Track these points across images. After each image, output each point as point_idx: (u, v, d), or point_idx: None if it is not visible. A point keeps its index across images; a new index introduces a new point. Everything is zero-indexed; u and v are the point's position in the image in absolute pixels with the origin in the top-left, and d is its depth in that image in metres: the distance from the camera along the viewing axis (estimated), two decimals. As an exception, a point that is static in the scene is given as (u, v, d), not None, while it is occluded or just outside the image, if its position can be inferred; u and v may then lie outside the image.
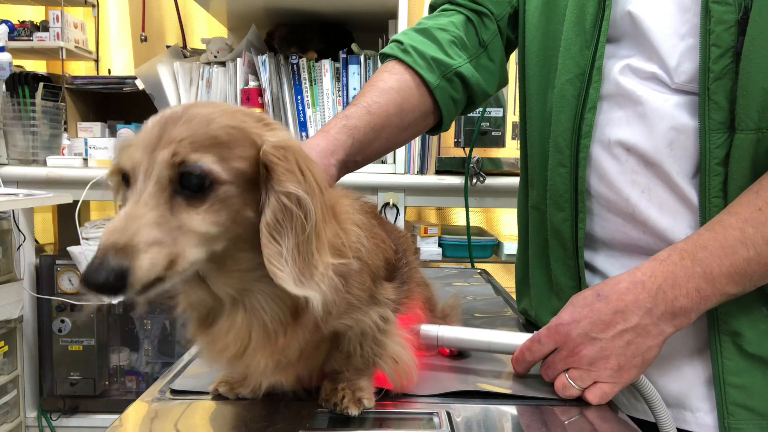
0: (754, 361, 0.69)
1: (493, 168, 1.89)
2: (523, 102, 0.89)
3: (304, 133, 1.96)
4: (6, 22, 2.17)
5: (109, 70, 2.49)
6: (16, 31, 2.21)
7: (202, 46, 2.08)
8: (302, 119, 1.96)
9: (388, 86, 0.82)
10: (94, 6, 2.39)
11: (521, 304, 0.96)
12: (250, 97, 1.94)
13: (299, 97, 1.95)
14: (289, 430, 0.58)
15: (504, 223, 2.53)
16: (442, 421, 0.60)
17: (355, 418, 0.60)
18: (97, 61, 2.46)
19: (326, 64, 1.94)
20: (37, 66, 2.56)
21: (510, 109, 1.91)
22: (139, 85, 2.03)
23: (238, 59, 1.95)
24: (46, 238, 2.43)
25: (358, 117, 0.78)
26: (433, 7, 0.96)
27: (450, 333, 0.73)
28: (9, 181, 1.87)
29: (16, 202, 1.54)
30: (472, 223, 1.96)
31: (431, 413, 0.62)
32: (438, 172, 1.92)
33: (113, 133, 2.13)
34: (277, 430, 0.58)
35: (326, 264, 0.51)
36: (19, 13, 2.46)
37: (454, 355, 0.79)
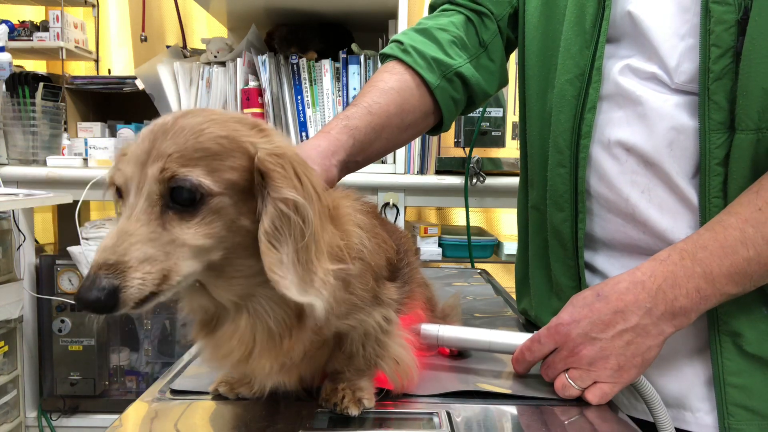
0: (754, 362, 0.69)
1: (493, 168, 1.89)
2: (523, 102, 0.89)
3: (304, 133, 1.96)
4: (6, 22, 2.17)
5: (109, 70, 2.49)
6: (16, 31, 2.21)
7: (202, 46, 2.08)
8: (302, 119, 1.96)
9: (389, 86, 0.82)
10: (94, 6, 2.39)
11: (521, 304, 0.96)
12: (250, 97, 1.94)
13: (299, 97, 1.95)
14: (289, 430, 0.58)
15: (504, 223, 2.53)
16: (442, 421, 0.60)
17: (355, 418, 0.60)
18: (97, 61, 2.46)
19: (326, 64, 1.93)
20: (37, 66, 2.56)
21: (510, 109, 1.91)
22: (139, 85, 2.03)
23: (238, 59, 1.95)
24: (46, 238, 2.42)
25: (358, 117, 0.78)
26: (433, 7, 0.96)
27: (450, 333, 0.74)
28: (9, 181, 1.87)
29: (16, 202, 1.54)
30: (472, 223, 1.96)
31: (431, 413, 0.62)
32: (438, 172, 1.92)
33: (113, 133, 2.13)
34: (277, 430, 0.58)
35: (326, 270, 0.51)
36: (19, 13, 2.46)
37: (454, 355, 0.79)
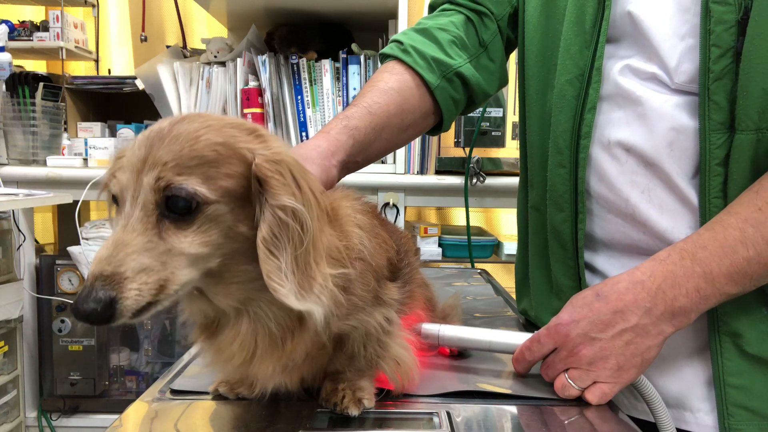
0: (754, 362, 0.69)
1: (493, 168, 1.89)
2: (523, 102, 0.89)
3: (304, 133, 1.96)
4: (6, 22, 2.17)
5: (109, 70, 2.49)
6: (16, 31, 2.21)
7: (202, 46, 2.08)
8: (302, 119, 1.96)
9: (389, 86, 0.82)
10: (94, 6, 2.39)
11: (521, 305, 0.96)
12: (250, 97, 1.94)
13: (299, 97, 1.95)
14: (289, 430, 0.58)
15: (504, 223, 2.53)
16: (442, 421, 0.60)
17: (355, 418, 0.60)
18: (97, 61, 2.46)
19: (326, 64, 1.93)
20: (37, 66, 2.56)
21: (510, 109, 1.91)
22: (139, 85, 2.03)
23: (238, 59, 1.95)
24: (46, 238, 2.42)
25: (358, 117, 0.78)
26: (433, 7, 0.96)
27: (451, 332, 0.74)
28: (9, 181, 1.87)
29: (16, 202, 1.54)
30: (472, 223, 1.96)
31: (431, 413, 0.62)
32: (438, 172, 1.92)
33: (113, 133, 2.13)
34: (277, 430, 0.58)
35: (325, 275, 0.51)
36: (19, 13, 2.46)
37: (455, 355, 0.79)
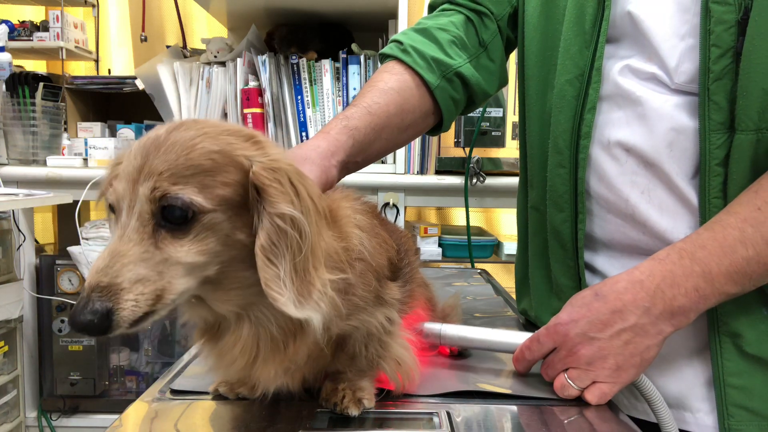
0: (754, 362, 0.69)
1: (493, 168, 1.89)
2: (523, 102, 0.89)
3: (304, 133, 1.96)
4: (6, 22, 2.17)
5: (109, 70, 2.49)
6: (16, 31, 2.21)
7: (202, 46, 2.08)
8: (302, 119, 1.96)
9: (389, 87, 0.82)
10: (94, 6, 2.39)
11: (521, 305, 0.96)
12: (250, 97, 1.94)
13: (299, 97, 1.95)
14: (289, 430, 0.58)
15: (504, 223, 2.53)
16: (442, 421, 0.60)
17: (355, 418, 0.60)
18: (97, 61, 2.46)
19: (326, 64, 1.93)
20: (37, 66, 2.56)
21: (510, 109, 1.91)
22: (139, 85, 2.03)
23: (238, 59, 1.95)
24: (46, 238, 2.42)
25: (358, 117, 0.78)
26: (433, 7, 0.96)
27: (453, 331, 0.74)
28: (9, 181, 1.87)
29: (16, 202, 1.54)
30: (472, 223, 1.96)
31: (431, 413, 0.62)
32: (438, 172, 1.92)
33: (113, 133, 2.13)
34: (277, 430, 0.58)
35: (324, 281, 0.50)
36: (19, 13, 2.46)
37: (455, 354, 0.79)
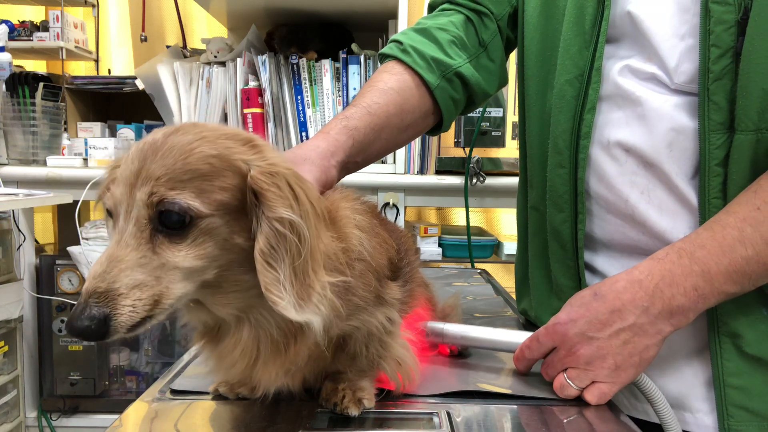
0: (754, 363, 0.69)
1: (493, 168, 1.89)
2: (522, 102, 0.89)
3: (304, 133, 1.96)
4: (6, 22, 2.17)
5: (109, 70, 2.49)
6: (16, 31, 2.21)
7: (202, 46, 2.08)
8: (302, 119, 1.96)
9: (388, 87, 0.82)
10: (94, 6, 2.39)
11: (521, 305, 0.96)
12: (250, 97, 1.94)
13: (299, 97, 1.95)
14: (289, 430, 0.58)
15: (504, 223, 2.53)
16: (442, 421, 0.60)
17: (355, 418, 0.60)
18: (97, 61, 2.46)
19: (326, 64, 1.93)
20: (37, 66, 2.56)
21: (510, 109, 1.91)
22: (139, 85, 2.03)
23: (238, 59, 1.95)
24: (46, 238, 2.42)
25: (358, 118, 0.78)
26: (433, 7, 0.96)
27: (456, 329, 0.75)
28: (9, 181, 1.87)
29: (16, 202, 1.54)
30: (472, 223, 1.96)
31: (431, 413, 0.62)
32: (438, 172, 1.92)
33: (113, 133, 2.13)
34: (277, 430, 0.58)
35: (323, 284, 0.50)
36: (19, 13, 2.46)
37: (455, 354, 0.79)
